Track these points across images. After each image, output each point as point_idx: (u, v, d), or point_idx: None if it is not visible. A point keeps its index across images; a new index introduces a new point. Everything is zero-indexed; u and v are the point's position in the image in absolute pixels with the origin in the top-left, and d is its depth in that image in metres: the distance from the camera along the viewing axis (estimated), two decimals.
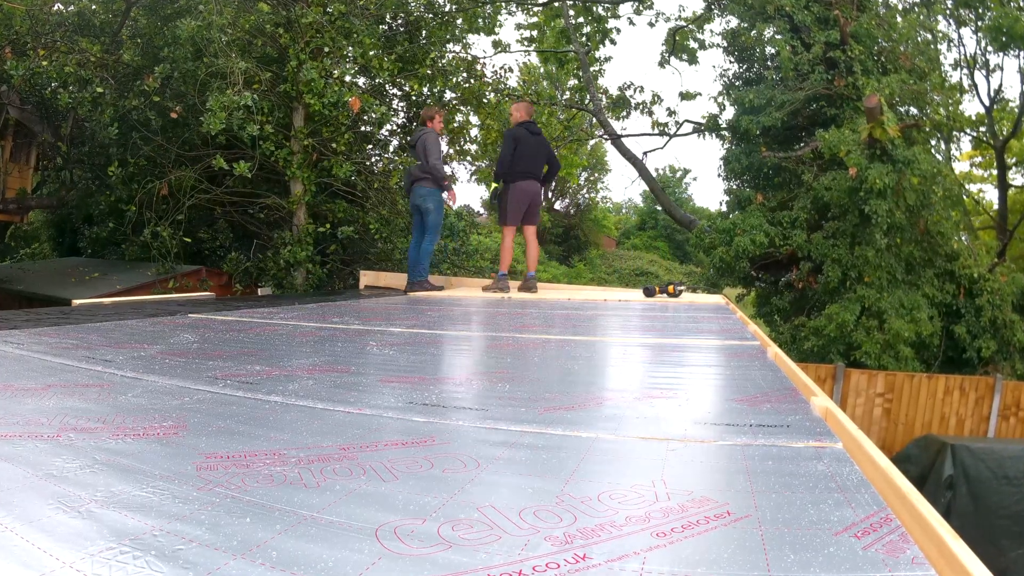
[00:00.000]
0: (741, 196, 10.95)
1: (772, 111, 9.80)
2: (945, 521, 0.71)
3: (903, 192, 8.03)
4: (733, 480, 0.90)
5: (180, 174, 7.04)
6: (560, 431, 1.13)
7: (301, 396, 1.37)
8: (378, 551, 0.66)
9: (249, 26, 6.46)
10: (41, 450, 0.95)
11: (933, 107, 9.98)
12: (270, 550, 0.65)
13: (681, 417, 1.27)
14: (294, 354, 2.02)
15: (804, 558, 0.66)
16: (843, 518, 0.75)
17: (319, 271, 7.19)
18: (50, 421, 1.10)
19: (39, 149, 9.63)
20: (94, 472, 0.86)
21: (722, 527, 0.73)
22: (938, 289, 8.66)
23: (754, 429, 1.14)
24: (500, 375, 1.75)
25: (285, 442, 1.04)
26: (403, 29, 8.01)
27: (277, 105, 6.78)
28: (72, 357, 1.73)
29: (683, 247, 23.26)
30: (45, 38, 7.08)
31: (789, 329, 9.04)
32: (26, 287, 8.64)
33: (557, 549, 0.67)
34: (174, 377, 1.54)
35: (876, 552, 0.67)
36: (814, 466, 0.94)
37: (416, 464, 0.94)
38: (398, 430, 1.15)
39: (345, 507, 0.77)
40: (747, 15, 10.83)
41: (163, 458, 0.94)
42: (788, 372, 1.72)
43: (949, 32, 11.70)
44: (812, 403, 1.33)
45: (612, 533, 0.71)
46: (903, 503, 0.79)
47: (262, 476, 0.87)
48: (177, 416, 1.17)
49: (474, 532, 0.71)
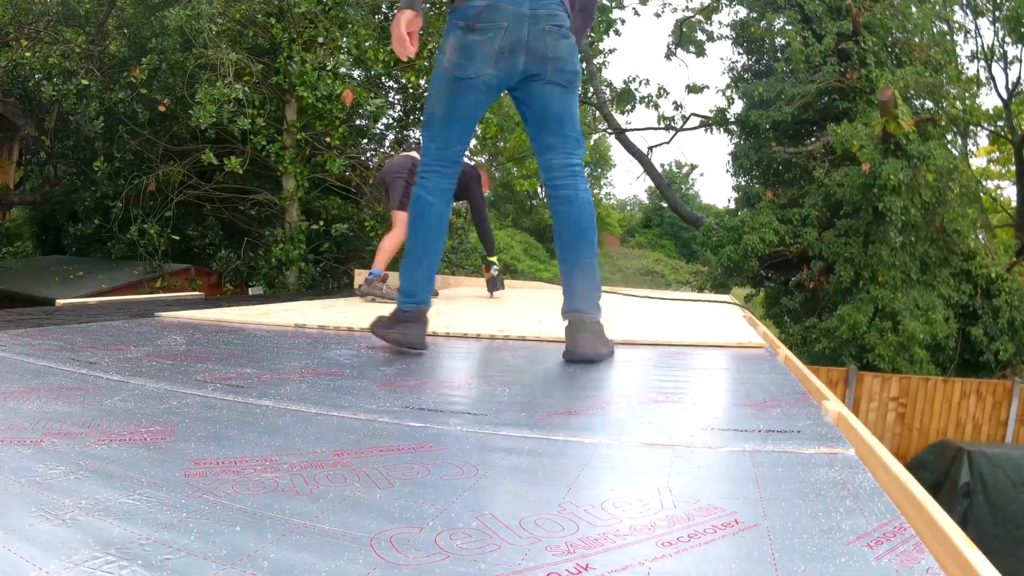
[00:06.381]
0: (750, 193, 10.91)
1: (782, 105, 9.74)
2: (961, 530, 0.70)
3: (918, 189, 7.95)
4: (741, 488, 0.88)
5: (168, 169, 6.96)
6: (562, 437, 1.12)
7: (293, 400, 1.34)
8: (373, 560, 0.64)
9: (240, 16, 6.39)
10: (23, 456, 0.92)
11: (949, 100, 9.83)
12: (261, 560, 0.64)
13: (687, 422, 1.25)
14: (286, 356, 1.99)
15: (815, 568, 0.64)
16: (855, 527, 0.74)
17: (312, 270, 7.13)
18: (32, 426, 1.07)
19: (22, 143, 9.50)
20: (78, 479, 0.84)
21: (730, 536, 0.72)
22: (954, 289, 8.54)
23: (763, 435, 1.13)
24: (500, 379, 1.73)
25: (277, 448, 1.02)
26: None
27: (269, 98, 6.71)
28: (55, 359, 1.69)
29: (690, 245, 23.29)
30: (28, 28, 6.97)
31: (799, 331, 8.96)
32: (8, 286, 8.51)
33: (559, 559, 0.66)
34: (162, 380, 1.50)
35: (889, 562, 0.66)
36: (825, 473, 0.93)
37: (413, 471, 0.92)
38: (394, 435, 1.12)
39: (339, 515, 0.75)
40: (756, 5, 10.76)
41: (150, 464, 0.91)
42: (798, 375, 1.71)
43: (966, 23, 11.54)
44: (823, 408, 1.32)
45: (615, 542, 0.70)
46: (918, 511, 0.78)
47: (253, 483, 0.85)
48: (165, 421, 1.14)
49: (472, 541, 0.69)
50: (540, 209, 27.48)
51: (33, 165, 9.87)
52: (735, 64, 12.05)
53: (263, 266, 6.94)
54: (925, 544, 0.70)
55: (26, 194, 9.87)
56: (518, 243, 23.38)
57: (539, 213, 27.14)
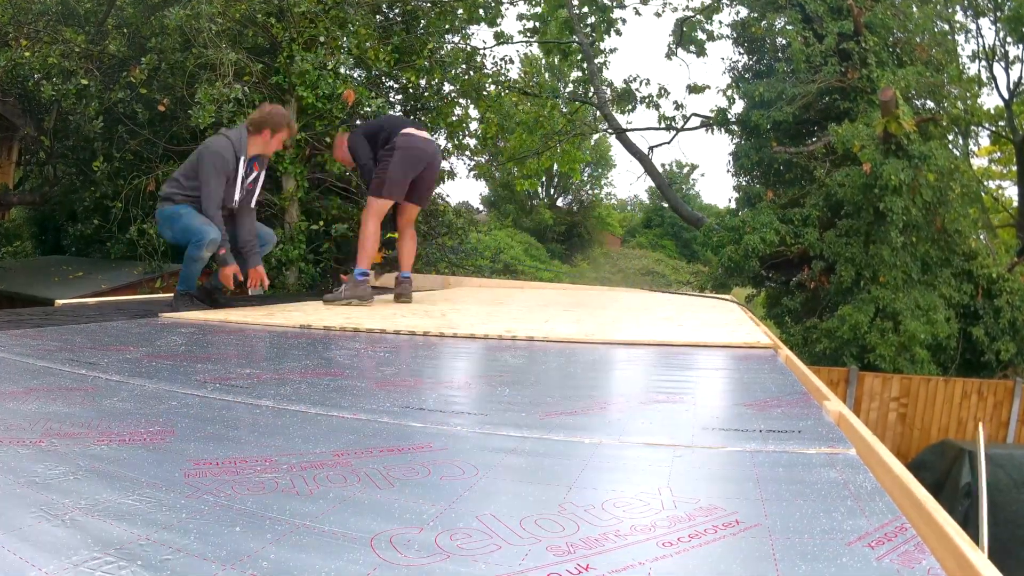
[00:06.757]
0: (751, 193, 10.90)
1: (783, 104, 9.73)
2: (963, 531, 0.70)
3: (919, 189, 7.95)
4: (742, 488, 0.88)
5: (168, 169, 6.93)
6: (562, 437, 1.11)
7: (293, 400, 1.34)
8: (373, 561, 0.64)
9: (240, 15, 6.38)
10: (23, 456, 0.92)
11: (950, 100, 9.85)
12: (261, 560, 0.63)
13: (688, 422, 1.25)
14: (285, 357, 1.99)
15: (816, 568, 0.64)
16: (856, 527, 0.74)
17: (312, 270, 7.12)
18: (32, 426, 1.07)
19: (21, 143, 9.48)
20: (78, 479, 0.84)
21: (731, 536, 0.72)
22: (955, 289, 8.54)
23: (764, 435, 1.13)
24: (500, 378, 1.73)
25: (276, 448, 1.01)
26: (400, 19, 7.95)
27: (269, 98, 6.70)
28: (55, 360, 1.69)
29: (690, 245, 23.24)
30: (28, 28, 6.96)
31: (800, 331, 8.95)
32: (7, 286, 8.50)
33: (559, 559, 0.66)
34: (161, 381, 1.50)
35: (890, 562, 0.66)
36: (826, 473, 0.93)
37: (413, 471, 0.92)
38: (394, 435, 1.12)
39: (339, 515, 0.75)
40: (757, 5, 10.74)
41: (150, 465, 0.91)
42: (799, 375, 1.70)
43: (967, 23, 11.57)
44: (824, 408, 1.31)
45: (616, 543, 0.70)
46: (919, 512, 0.78)
47: (253, 483, 0.85)
48: (164, 421, 1.14)
49: (473, 541, 0.69)
50: (540, 209, 27.45)
51: (32, 165, 9.85)
52: (736, 64, 12.04)
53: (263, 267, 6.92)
54: (926, 544, 0.70)
55: (25, 194, 9.86)
56: (518, 243, 23.37)
57: (539, 213, 27.11)
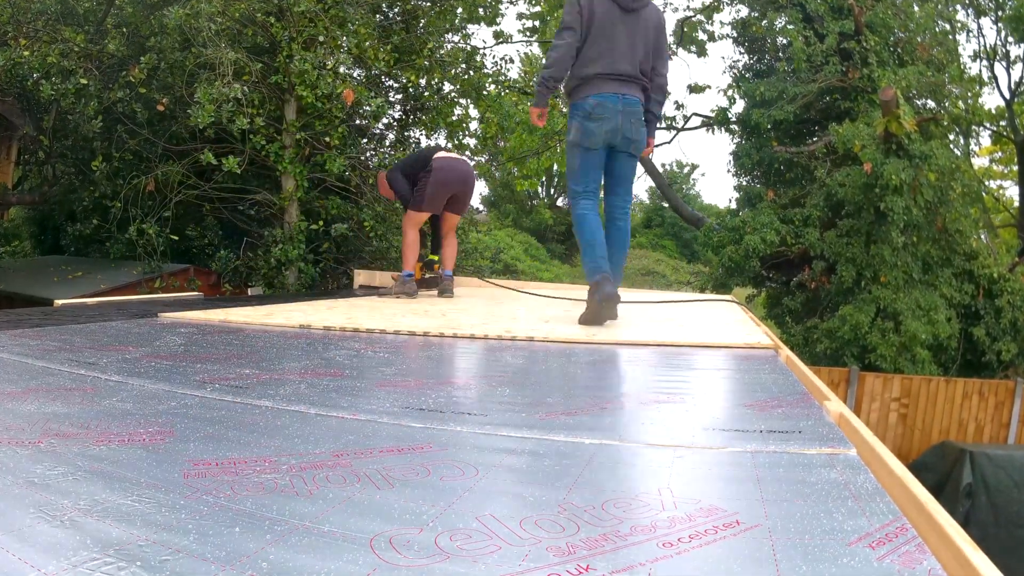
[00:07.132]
0: (751, 193, 10.84)
1: (784, 104, 9.68)
2: (964, 531, 0.70)
3: (920, 188, 7.89)
4: (743, 488, 0.88)
5: (167, 169, 6.93)
6: (562, 437, 1.11)
7: (293, 401, 1.34)
8: (373, 562, 0.64)
9: (239, 14, 6.37)
10: (22, 456, 0.92)
11: (951, 100, 9.77)
12: (260, 560, 0.63)
13: (688, 423, 1.25)
14: (285, 357, 1.98)
15: (816, 569, 0.64)
16: (857, 527, 0.74)
17: (311, 270, 7.11)
18: (31, 426, 1.07)
19: (20, 143, 9.46)
20: (77, 480, 0.83)
21: (731, 537, 0.72)
22: (956, 289, 8.49)
23: (764, 435, 1.13)
24: (500, 379, 1.73)
25: (276, 448, 1.01)
26: (399, 18, 7.94)
27: (268, 97, 6.70)
28: (54, 360, 1.69)
29: (691, 245, 23.16)
30: (27, 27, 6.95)
31: (801, 331, 8.90)
32: (6, 286, 8.48)
33: (559, 560, 0.65)
34: (160, 381, 1.50)
35: (891, 563, 0.66)
36: (827, 474, 0.93)
37: (413, 471, 0.92)
38: (394, 436, 1.12)
39: (339, 516, 0.75)
40: (758, 4, 10.67)
41: (149, 465, 0.91)
42: (800, 376, 1.70)
43: (968, 22, 11.50)
44: (825, 408, 1.31)
45: (616, 543, 0.70)
46: (920, 512, 0.77)
47: (252, 484, 0.84)
48: (164, 421, 1.14)
49: (473, 542, 0.69)
50: (540, 209, 27.38)
51: (31, 165, 9.83)
52: (737, 63, 11.99)
53: (262, 266, 6.92)
54: (927, 545, 0.70)
55: (24, 194, 9.84)
56: (518, 243, 23.34)
57: (539, 213, 27.05)
